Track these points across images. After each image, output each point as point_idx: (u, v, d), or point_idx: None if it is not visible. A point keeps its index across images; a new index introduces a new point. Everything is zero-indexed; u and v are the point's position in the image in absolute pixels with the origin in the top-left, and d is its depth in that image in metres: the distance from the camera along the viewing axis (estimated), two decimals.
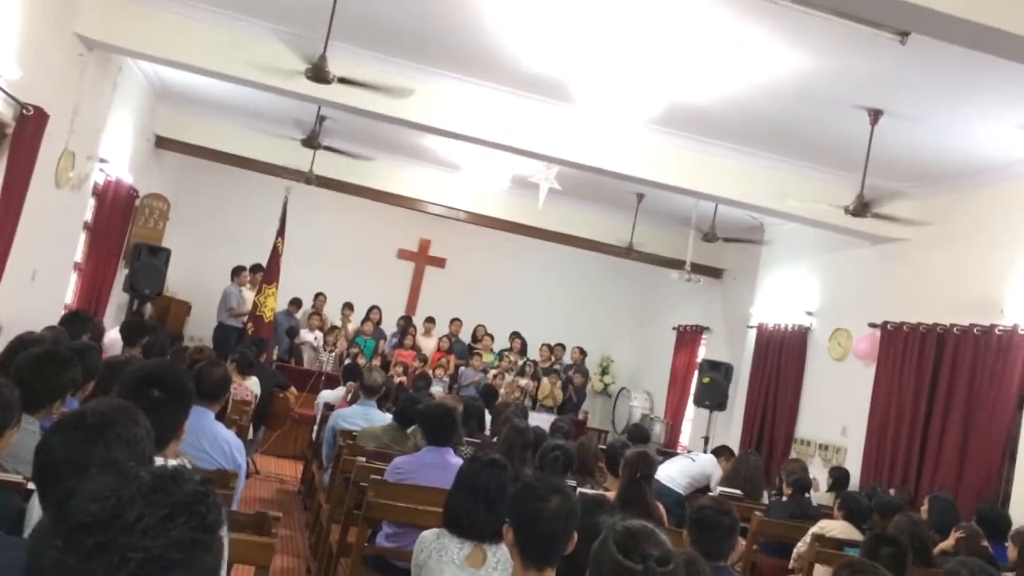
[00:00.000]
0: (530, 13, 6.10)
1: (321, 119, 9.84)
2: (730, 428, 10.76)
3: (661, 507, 5.00)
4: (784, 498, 6.55)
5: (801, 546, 5.46)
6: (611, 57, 6.27)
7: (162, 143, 11.16)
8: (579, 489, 4.55)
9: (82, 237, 8.79)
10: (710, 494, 6.00)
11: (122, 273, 10.22)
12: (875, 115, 6.62)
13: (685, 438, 12.51)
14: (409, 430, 5.73)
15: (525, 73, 7.25)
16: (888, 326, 8.39)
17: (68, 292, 8.62)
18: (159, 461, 2.09)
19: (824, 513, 6.24)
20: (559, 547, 2.49)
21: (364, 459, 5.03)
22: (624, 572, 1.89)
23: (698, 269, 11.40)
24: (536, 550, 2.48)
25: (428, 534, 3.27)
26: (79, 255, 8.78)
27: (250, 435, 7.71)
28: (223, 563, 1.13)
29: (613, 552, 1.92)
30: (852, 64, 5.89)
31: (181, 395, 2.63)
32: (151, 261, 10.22)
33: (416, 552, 3.25)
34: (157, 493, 1.06)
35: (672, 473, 7.33)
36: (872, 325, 8.59)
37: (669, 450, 11.76)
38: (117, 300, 10.32)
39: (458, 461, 4.40)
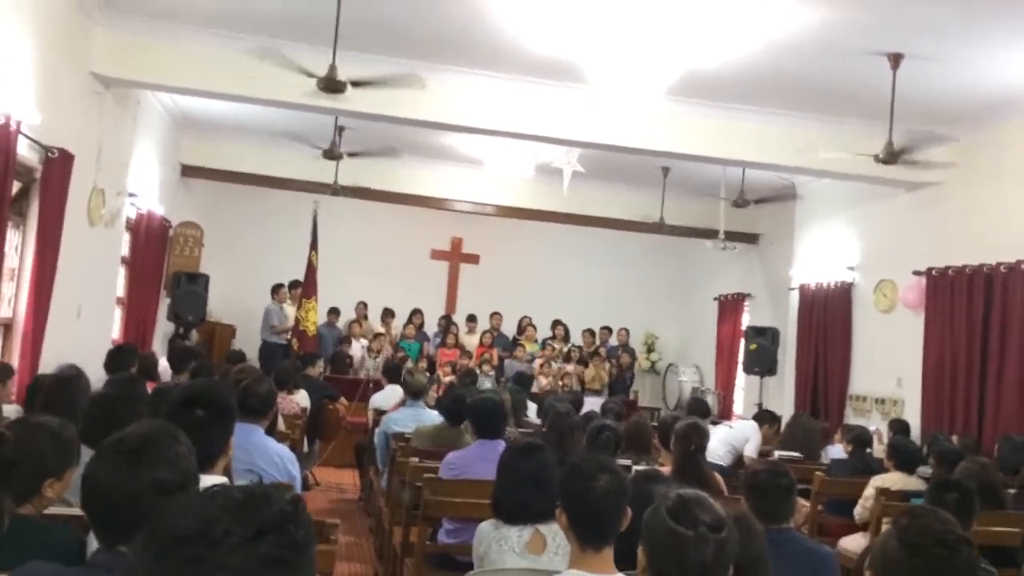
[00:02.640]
0: None
1: (340, 129, 9.89)
2: (783, 392, 10.64)
3: (718, 477, 4.96)
4: (841, 453, 6.46)
5: (861, 506, 5.37)
6: (619, 31, 6.20)
7: (188, 171, 11.31)
8: (634, 467, 4.54)
9: (121, 271, 8.94)
10: (769, 459, 5.94)
11: (164, 303, 10.38)
12: (895, 59, 6.48)
13: (738, 407, 12.40)
14: (462, 426, 5.74)
15: (536, 59, 7.21)
16: (933, 272, 8.23)
17: (114, 327, 8.77)
18: (207, 479, 2.11)
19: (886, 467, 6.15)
20: (613, 525, 2.47)
21: (417, 459, 5.05)
22: (676, 538, 1.87)
23: (733, 236, 11.27)
24: (590, 530, 2.46)
25: (486, 525, 3.28)
26: (120, 290, 8.93)
27: (305, 448, 7.81)
28: None
29: (665, 519, 1.90)
30: (865, 11, 5.77)
31: (224, 412, 2.65)
32: (191, 288, 10.37)
33: (476, 544, 3.27)
34: (246, 510, 1.05)
35: (711, 445, 7.24)
36: (916, 273, 8.44)
37: (720, 421, 11.68)
38: (163, 330, 10.48)
39: None
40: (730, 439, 7.42)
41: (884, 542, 2.01)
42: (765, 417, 7.70)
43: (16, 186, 5.96)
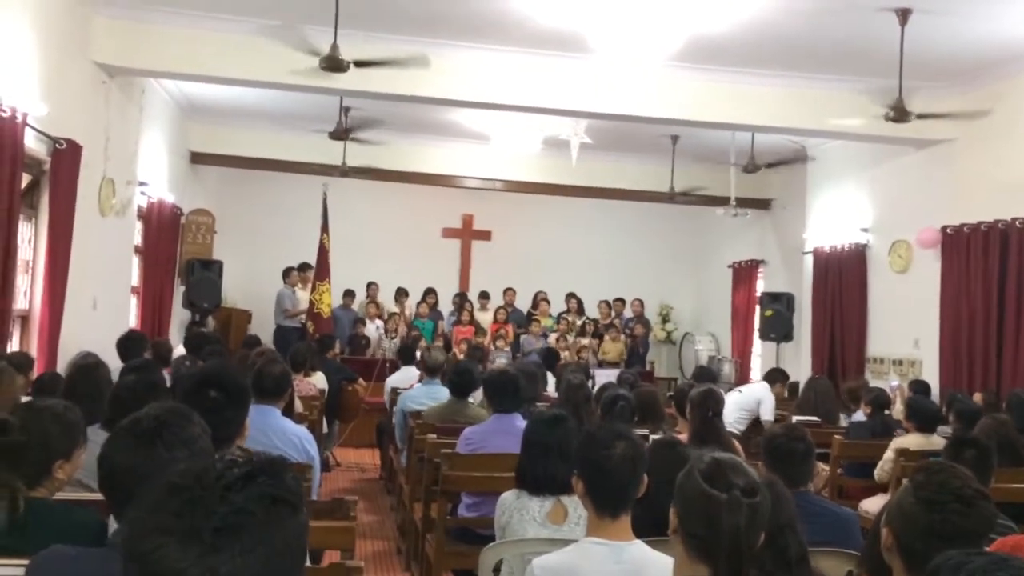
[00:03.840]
0: None
1: (346, 110, 9.86)
2: (799, 357, 10.61)
3: (737, 443, 4.96)
4: (863, 417, 6.44)
5: (881, 467, 5.36)
6: None
7: (197, 158, 11.32)
8: (651, 436, 4.54)
9: (135, 261, 8.98)
10: (786, 423, 5.93)
11: (179, 291, 10.43)
12: (903, 14, 6.37)
13: (755, 374, 12.36)
14: (470, 399, 5.77)
15: (539, 31, 7.14)
16: (948, 230, 8.16)
17: (131, 316, 8.83)
18: None
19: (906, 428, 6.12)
20: (630, 492, 2.48)
21: (435, 436, 5.07)
22: (709, 501, 1.86)
23: (744, 203, 11.20)
24: (607, 498, 2.47)
25: (508, 495, 3.29)
26: (135, 279, 8.98)
27: (324, 430, 7.86)
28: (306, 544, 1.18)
29: (699, 481, 1.89)
30: None
31: (238, 393, 2.67)
32: (205, 275, 10.41)
33: (498, 515, 3.29)
34: (238, 460, 1.13)
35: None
36: None
37: (733, 388, 11.66)
38: (179, 318, 10.55)
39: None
40: (742, 404, 7.40)
41: (901, 498, 2.00)
42: (776, 376, 7.65)
43: (26, 179, 5.98)
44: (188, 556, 1.03)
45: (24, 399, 4.44)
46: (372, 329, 11.93)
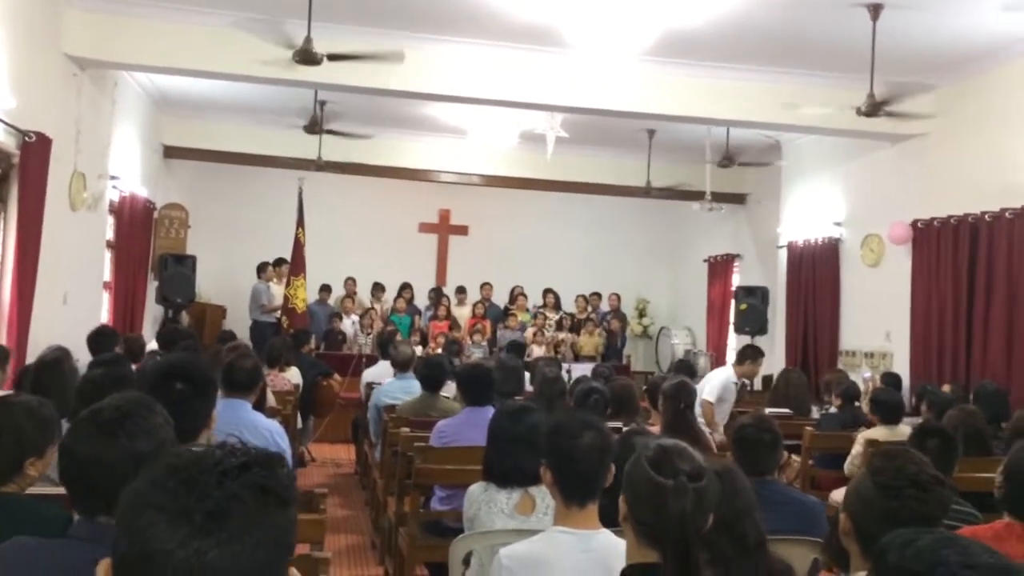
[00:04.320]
0: None
1: (321, 104, 9.81)
2: (773, 350, 10.66)
3: (708, 434, 5.00)
4: (833, 409, 6.50)
5: (850, 461, 5.41)
6: None
7: (171, 152, 11.23)
8: (624, 428, 4.56)
9: (107, 255, 8.90)
10: (754, 412, 5.96)
11: (152, 286, 10.34)
12: (875, 9, 6.43)
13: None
14: (443, 393, 5.77)
15: (515, 24, 7.14)
16: (919, 224, 8.25)
17: (102, 311, 8.75)
18: None
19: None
20: (597, 481, 2.49)
21: (408, 429, 5.07)
22: (656, 488, 1.88)
23: (720, 197, 11.26)
24: (575, 486, 2.48)
25: (475, 488, 3.30)
26: (107, 274, 8.89)
27: (299, 425, 7.82)
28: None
29: (646, 469, 1.92)
30: None
31: (204, 385, 2.65)
32: (178, 270, 10.33)
33: (466, 507, 3.29)
34: (235, 449, 1.15)
35: None
36: None
37: None
38: (152, 313, 10.46)
39: None
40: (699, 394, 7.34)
41: (859, 484, 2.03)
42: (745, 353, 7.32)
43: None
44: (176, 536, 1.04)
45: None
46: (348, 324, 11.90)
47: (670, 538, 1.83)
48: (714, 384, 7.06)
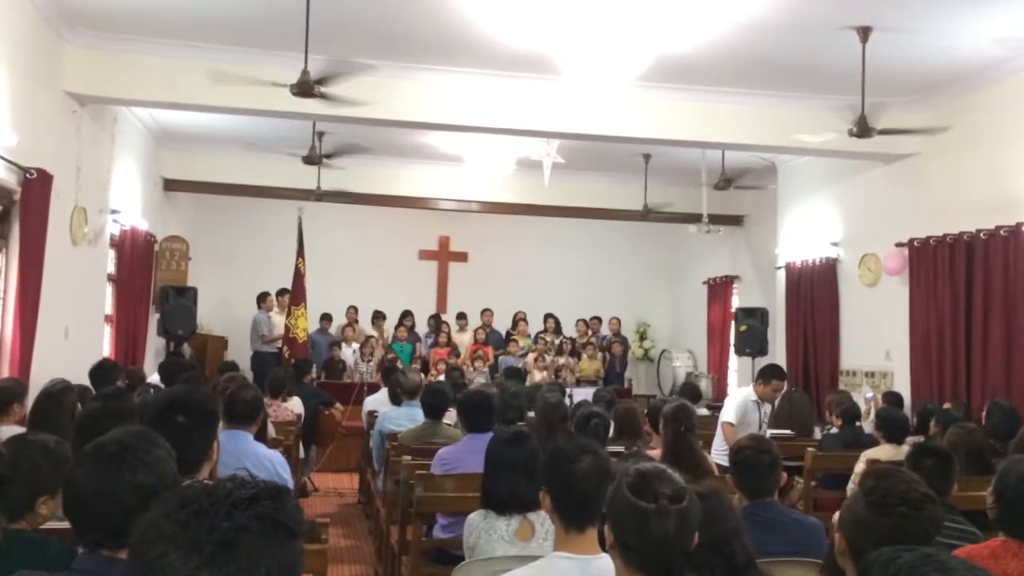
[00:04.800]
0: None
1: (319, 134, 9.89)
2: None
3: (710, 459, 5.01)
4: (835, 430, 6.50)
5: (853, 480, 5.41)
6: (588, 20, 6.24)
7: (171, 185, 11.31)
8: (625, 452, 4.57)
9: (108, 289, 8.94)
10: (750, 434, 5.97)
11: (154, 318, 10.38)
12: (864, 32, 6.51)
13: (732, 389, 12.45)
14: (445, 421, 5.78)
15: (509, 53, 7.22)
16: (915, 243, 8.29)
17: (104, 345, 8.77)
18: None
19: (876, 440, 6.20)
20: (596, 506, 2.50)
21: (410, 457, 5.08)
22: (637, 512, 1.91)
23: (717, 219, 11.32)
24: (574, 511, 2.50)
25: (475, 516, 3.31)
26: (108, 307, 8.93)
27: (301, 455, 7.83)
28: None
29: (626, 494, 1.94)
30: None
31: (205, 417, 2.68)
32: (180, 302, 10.37)
33: (466, 535, 3.30)
34: (244, 482, 1.18)
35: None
36: (899, 244, 8.49)
37: (719, 404, 11.72)
38: (154, 345, 10.49)
39: None
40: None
41: (851, 503, 2.06)
42: (764, 373, 6.78)
43: None
44: (187, 566, 1.07)
45: (5, 429, 4.41)
46: (349, 353, 11.92)
47: (656, 561, 1.85)
48: (731, 405, 6.66)
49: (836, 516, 5.18)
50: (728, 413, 6.59)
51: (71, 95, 7.25)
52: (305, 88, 6.23)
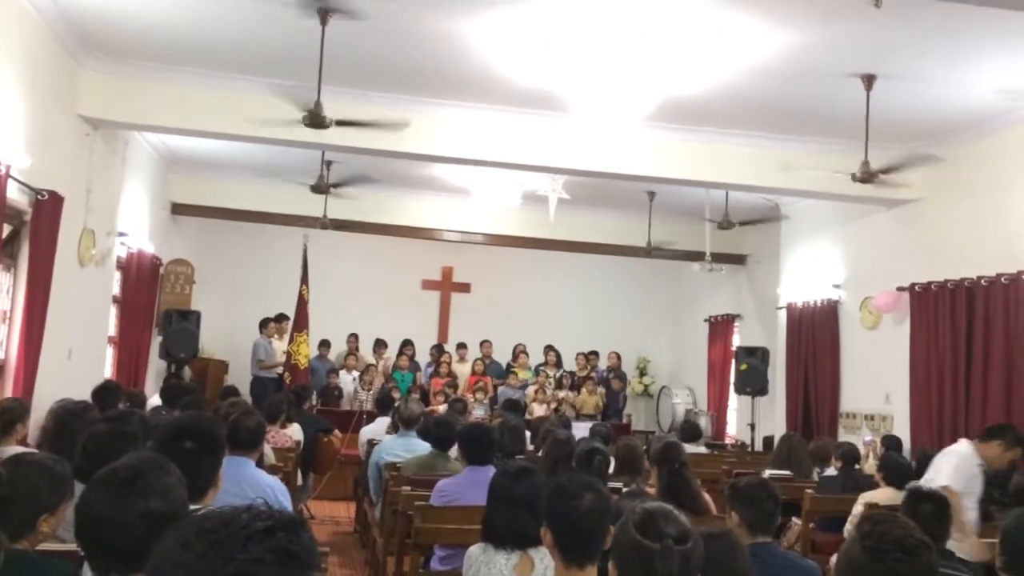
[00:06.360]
0: (513, 31, 6.19)
1: (327, 163, 9.99)
2: (774, 411, 10.70)
3: (707, 496, 5.01)
4: (833, 471, 6.51)
5: (850, 522, 5.41)
6: (598, 61, 6.33)
7: (178, 209, 11.39)
8: (624, 489, 4.58)
9: (112, 311, 8.98)
10: (756, 476, 5.97)
11: (156, 341, 10.41)
12: (868, 80, 6.61)
13: (732, 428, 12.46)
14: (452, 453, 5.78)
15: (517, 90, 7.33)
16: (916, 287, 8.33)
17: (106, 366, 8.80)
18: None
19: (876, 483, 6.20)
20: (597, 543, 2.53)
21: (409, 488, 5.08)
22: (643, 551, 1.94)
23: (720, 258, 11.38)
24: (575, 548, 2.52)
25: (474, 549, 3.32)
26: (112, 329, 8.97)
27: (299, 482, 7.81)
28: None
29: (632, 533, 1.97)
30: (836, 34, 5.91)
31: (213, 444, 2.71)
32: (183, 325, 10.41)
33: (465, 569, 3.31)
34: (260, 512, 1.19)
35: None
36: (900, 289, 8.54)
37: (717, 442, 11.72)
38: (156, 368, 10.51)
39: None
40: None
41: (848, 548, 2.08)
42: (994, 433, 5.44)
43: (6, 229, 6.02)
44: None
45: (7, 449, 4.43)
46: (348, 380, 11.93)
47: None
48: (948, 467, 5.20)
49: (833, 559, 5.20)
50: (948, 478, 5.08)
51: (85, 119, 7.35)
52: (316, 119, 6.31)
